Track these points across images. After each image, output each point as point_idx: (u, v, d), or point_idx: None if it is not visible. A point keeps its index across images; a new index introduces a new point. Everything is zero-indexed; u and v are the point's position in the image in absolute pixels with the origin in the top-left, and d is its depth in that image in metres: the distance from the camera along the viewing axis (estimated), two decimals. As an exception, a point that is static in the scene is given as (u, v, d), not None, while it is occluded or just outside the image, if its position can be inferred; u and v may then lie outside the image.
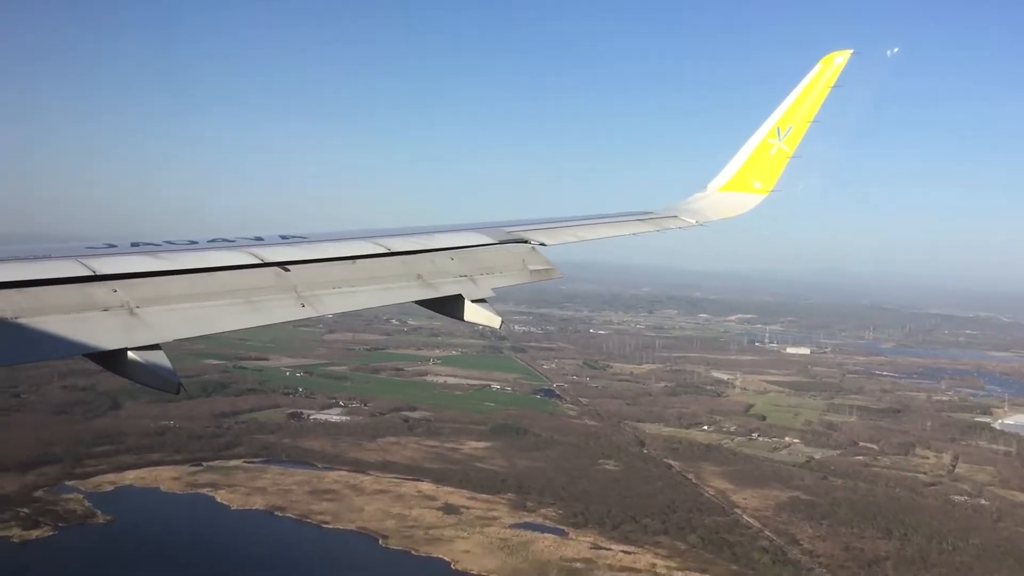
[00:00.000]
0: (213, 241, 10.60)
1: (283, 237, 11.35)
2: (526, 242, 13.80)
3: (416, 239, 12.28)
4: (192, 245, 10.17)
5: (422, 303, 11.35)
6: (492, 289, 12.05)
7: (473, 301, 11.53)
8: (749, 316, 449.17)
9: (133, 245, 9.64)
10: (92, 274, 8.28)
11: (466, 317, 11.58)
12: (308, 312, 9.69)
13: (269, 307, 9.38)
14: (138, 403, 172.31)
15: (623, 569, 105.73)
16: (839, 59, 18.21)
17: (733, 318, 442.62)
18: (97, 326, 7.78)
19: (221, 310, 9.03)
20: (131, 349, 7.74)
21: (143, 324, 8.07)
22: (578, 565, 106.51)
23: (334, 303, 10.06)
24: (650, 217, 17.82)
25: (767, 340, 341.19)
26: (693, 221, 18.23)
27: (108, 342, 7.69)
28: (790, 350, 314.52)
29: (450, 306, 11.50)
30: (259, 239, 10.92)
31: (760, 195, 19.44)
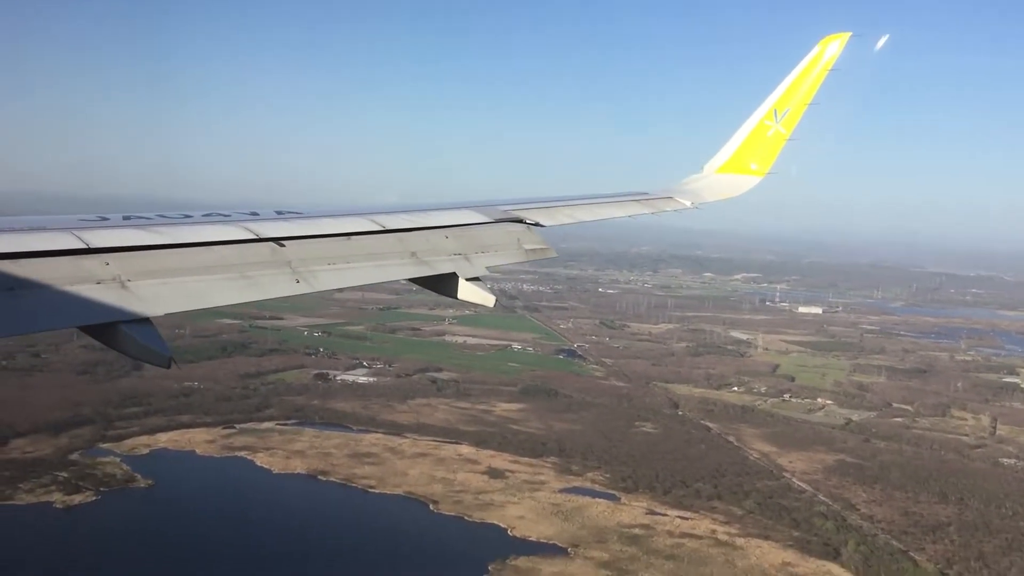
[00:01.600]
0: (207, 215, 10.46)
1: (278, 212, 11.22)
2: (521, 221, 13.78)
3: (411, 216, 12.25)
4: (186, 219, 10.04)
5: (416, 281, 11.26)
6: (486, 268, 12.05)
7: (467, 280, 11.47)
8: (754, 275, 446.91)
9: (125, 218, 9.52)
10: (86, 247, 8.20)
11: (460, 296, 11.45)
12: (303, 288, 9.66)
13: (263, 282, 9.33)
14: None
15: (683, 535, 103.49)
16: (837, 42, 17.99)
17: (738, 277, 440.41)
18: (90, 299, 7.75)
19: (214, 284, 8.92)
20: (123, 322, 7.67)
21: (135, 297, 8.01)
22: (637, 531, 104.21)
23: (329, 279, 10.06)
24: (646, 198, 17.83)
25: (778, 299, 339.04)
26: (689, 203, 18.18)
27: (100, 315, 7.67)
28: (802, 309, 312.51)
29: (444, 284, 11.47)
30: (254, 214, 10.78)
31: (756, 177, 19.28)
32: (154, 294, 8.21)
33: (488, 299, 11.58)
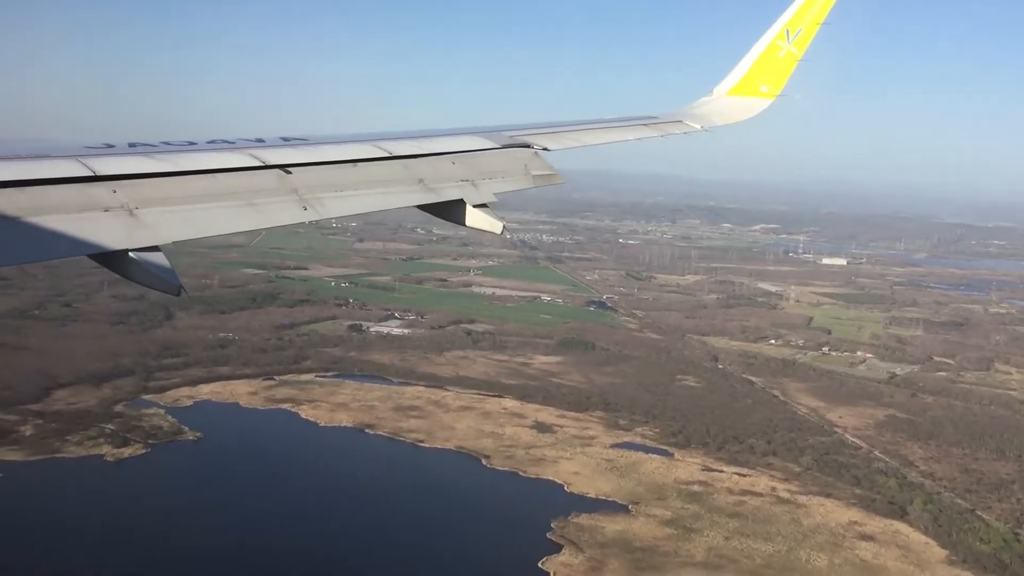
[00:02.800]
0: (212, 142, 10.25)
1: (284, 139, 11.05)
2: (528, 147, 13.52)
3: (417, 143, 12.06)
4: (191, 146, 9.92)
5: (423, 207, 11.13)
6: (494, 194, 11.78)
7: (475, 206, 11.30)
8: (773, 226, 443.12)
9: (131, 146, 9.41)
10: (92, 174, 8.12)
11: (467, 222, 11.31)
12: (310, 215, 9.53)
13: (270, 210, 9.25)
14: (191, 314, 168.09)
15: (743, 493, 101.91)
16: None
17: (757, 228, 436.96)
18: (98, 227, 7.66)
19: (222, 212, 8.84)
20: (132, 250, 7.63)
21: (143, 225, 7.95)
22: (695, 488, 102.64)
23: (336, 207, 9.95)
24: (654, 122, 17.35)
25: (801, 251, 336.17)
26: (698, 126, 17.77)
27: (109, 243, 7.60)
28: (826, 261, 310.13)
29: (451, 211, 11.31)
30: (260, 141, 10.62)
31: (767, 99, 18.80)
32: (162, 222, 8.17)
33: (496, 225, 11.35)
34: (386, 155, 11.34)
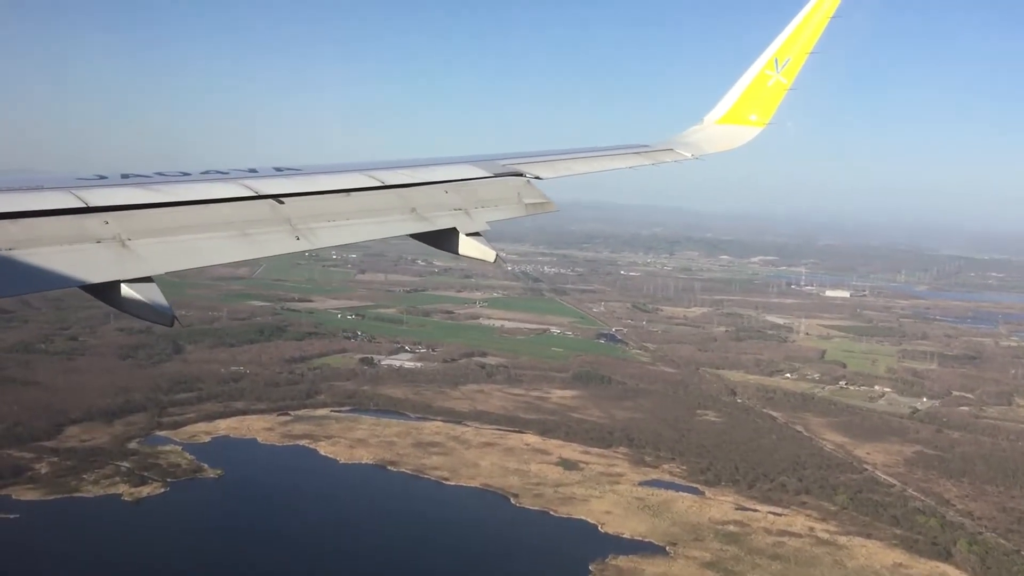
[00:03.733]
0: (206, 173, 10.31)
1: (277, 169, 11.13)
2: (521, 175, 13.52)
3: (410, 172, 12.06)
4: (184, 177, 9.91)
5: (416, 236, 11.16)
6: (487, 222, 11.76)
7: (468, 235, 11.30)
8: (771, 258, 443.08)
9: (124, 177, 9.44)
10: (84, 206, 8.13)
11: (460, 251, 11.30)
12: (303, 245, 9.58)
13: (263, 239, 9.25)
14: (200, 347, 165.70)
15: (781, 533, 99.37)
16: None
17: (756, 260, 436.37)
18: (91, 258, 7.70)
19: (214, 242, 8.85)
20: (124, 281, 7.62)
21: (136, 256, 7.97)
22: (732, 528, 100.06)
23: (329, 236, 9.94)
24: (646, 150, 17.37)
25: (803, 283, 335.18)
26: (689, 155, 17.78)
27: (101, 274, 7.62)
28: (829, 293, 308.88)
29: (444, 239, 11.30)
30: (253, 171, 10.70)
31: (757, 128, 18.89)
32: (154, 252, 8.15)
33: (489, 254, 11.31)
34: (379, 184, 11.31)
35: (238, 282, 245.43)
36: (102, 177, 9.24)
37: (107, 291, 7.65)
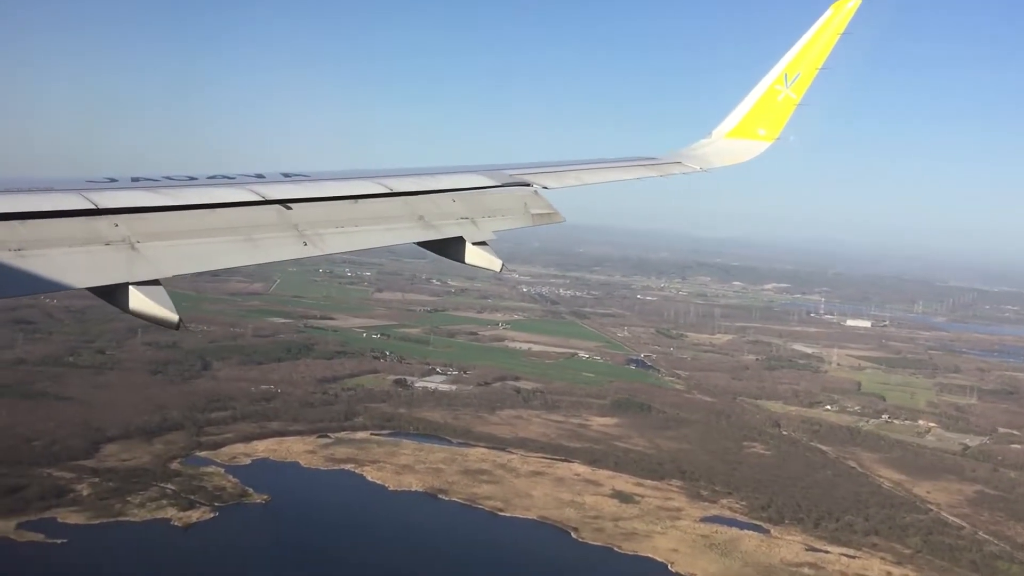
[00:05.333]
0: (213, 178, 10.24)
1: (285, 175, 10.99)
2: (528, 185, 13.40)
3: (418, 180, 11.95)
4: (192, 181, 9.87)
5: (423, 244, 11.05)
6: (494, 232, 11.70)
7: (474, 244, 11.21)
8: (784, 285, 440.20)
9: (134, 180, 9.40)
10: (95, 208, 8.13)
11: (467, 260, 11.19)
12: (310, 251, 9.54)
13: (270, 245, 9.22)
14: (229, 364, 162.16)
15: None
16: (849, 5, 17.43)
17: (769, 286, 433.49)
18: (100, 260, 7.71)
19: (222, 246, 8.87)
20: (132, 284, 7.63)
21: (144, 259, 7.96)
22: (806, 571, 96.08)
23: (336, 242, 9.90)
24: (654, 163, 17.18)
25: (822, 311, 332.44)
26: (697, 167, 17.62)
27: (110, 276, 7.62)
28: (850, 323, 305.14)
29: (451, 248, 11.22)
30: (260, 176, 10.59)
31: (765, 142, 18.74)
32: (163, 255, 8.13)
33: (495, 263, 11.19)
34: (387, 191, 11.24)
35: (255, 298, 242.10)
36: (112, 180, 9.15)
37: (115, 293, 7.58)
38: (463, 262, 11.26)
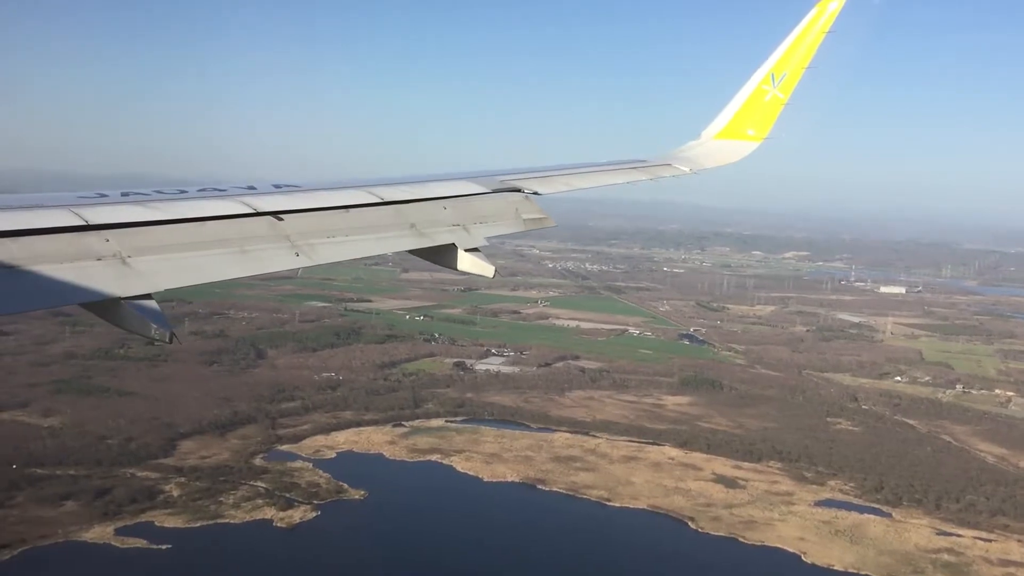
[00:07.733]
0: (203, 190, 10.10)
1: (276, 186, 10.87)
2: (519, 191, 13.19)
3: (409, 188, 11.76)
4: (182, 194, 9.68)
5: (416, 252, 10.96)
6: (485, 238, 11.57)
7: (466, 250, 11.07)
8: (804, 253, 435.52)
9: (123, 195, 9.23)
10: (84, 224, 8.03)
11: (459, 267, 11.07)
12: (302, 261, 9.45)
13: (262, 256, 9.10)
14: (283, 352, 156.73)
15: (1005, 563, 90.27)
16: (833, 5, 17.16)
17: (789, 255, 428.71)
18: (91, 275, 7.61)
19: (214, 259, 8.73)
20: (124, 298, 7.52)
21: (135, 273, 7.86)
22: (946, 557, 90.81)
23: (328, 252, 9.80)
24: (644, 165, 17.09)
25: (853, 279, 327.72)
26: (687, 169, 17.54)
27: (103, 291, 7.50)
28: (883, 290, 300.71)
29: (443, 255, 11.13)
30: (251, 188, 10.44)
31: (754, 143, 18.60)
32: (154, 269, 7.99)
33: (487, 269, 10.99)
34: (378, 200, 10.94)
35: (287, 282, 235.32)
36: (102, 195, 8.98)
37: (108, 308, 7.41)
38: (455, 269, 11.07)
